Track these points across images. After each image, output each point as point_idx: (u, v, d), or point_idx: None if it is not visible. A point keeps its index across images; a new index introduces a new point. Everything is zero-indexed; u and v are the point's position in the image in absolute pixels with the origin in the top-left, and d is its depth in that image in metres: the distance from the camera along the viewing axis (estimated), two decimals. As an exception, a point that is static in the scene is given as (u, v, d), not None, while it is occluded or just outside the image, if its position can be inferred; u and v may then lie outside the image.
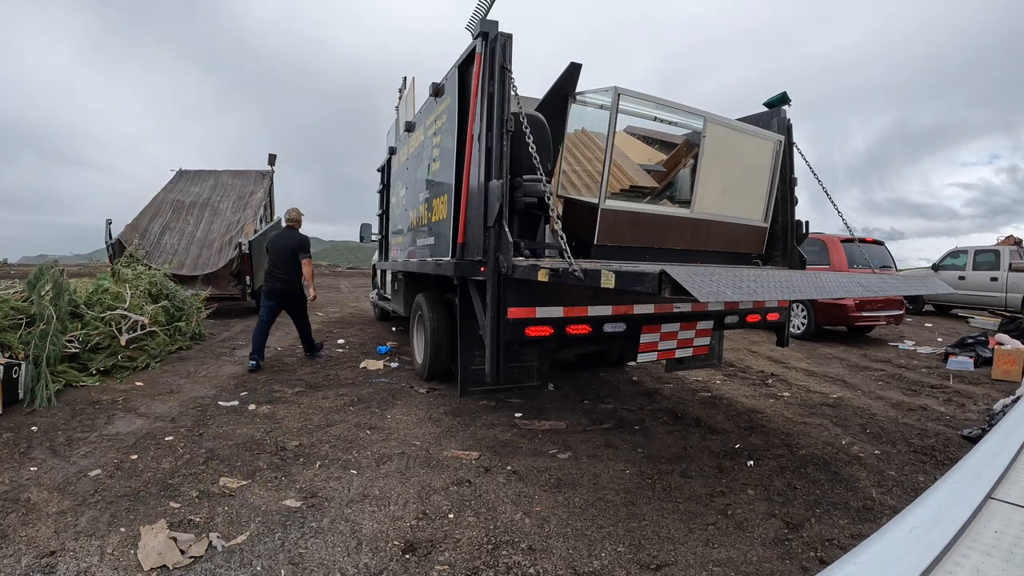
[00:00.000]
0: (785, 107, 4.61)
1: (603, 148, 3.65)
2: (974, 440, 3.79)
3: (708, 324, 4.07)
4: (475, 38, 3.50)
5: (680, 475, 3.15)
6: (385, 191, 7.33)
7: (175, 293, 7.07)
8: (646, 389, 5.17)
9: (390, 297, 7.55)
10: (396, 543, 2.33)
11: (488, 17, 3.41)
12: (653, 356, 3.86)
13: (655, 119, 4.36)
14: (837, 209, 4.68)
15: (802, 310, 8.80)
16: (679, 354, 4.02)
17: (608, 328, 3.63)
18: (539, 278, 2.85)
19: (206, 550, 2.24)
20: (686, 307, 3.87)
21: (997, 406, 4.53)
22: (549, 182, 3.23)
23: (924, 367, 6.64)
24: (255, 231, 9.72)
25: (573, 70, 4.04)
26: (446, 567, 2.17)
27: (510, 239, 3.21)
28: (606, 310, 3.63)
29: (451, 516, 2.58)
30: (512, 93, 3.33)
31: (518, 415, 4.17)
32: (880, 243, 9.57)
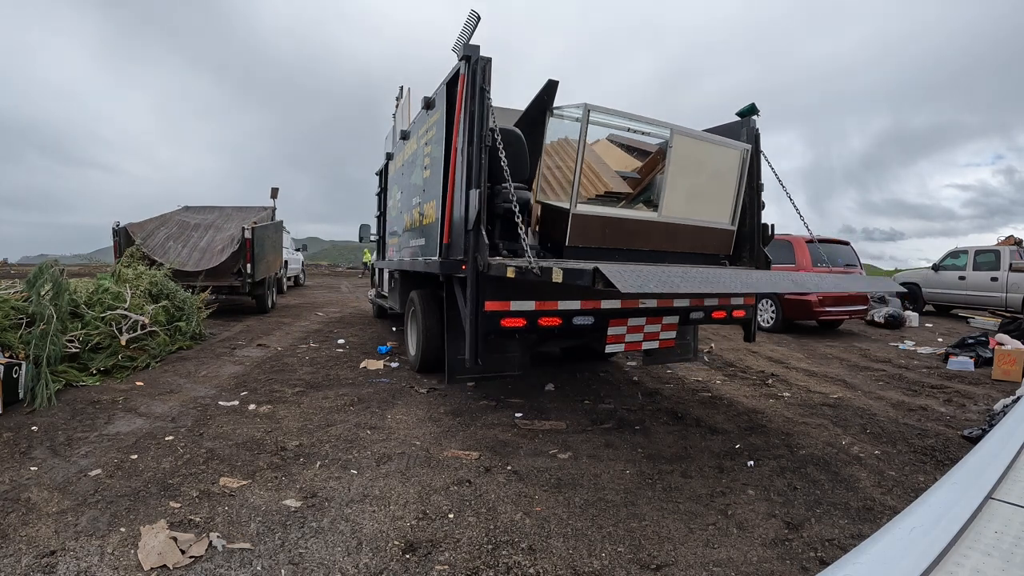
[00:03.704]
0: (755, 117, 4.87)
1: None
2: (974, 440, 3.79)
3: (673, 319, 4.37)
4: (460, 60, 3.82)
5: (680, 475, 3.16)
6: (382, 194, 7.68)
7: (175, 293, 7.08)
8: (646, 389, 5.17)
9: (387, 294, 7.87)
10: (396, 543, 2.33)
11: (471, 42, 3.74)
12: (620, 348, 4.20)
13: (628, 130, 4.66)
14: (798, 211, 5.11)
15: (771, 305, 9.37)
16: (646, 346, 4.35)
17: (577, 321, 3.95)
18: (508, 275, 3.22)
19: (206, 550, 2.24)
20: (651, 303, 4.16)
21: (997, 406, 4.53)
22: (528, 189, 3.54)
23: (924, 367, 6.64)
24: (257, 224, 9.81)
25: (550, 87, 4.26)
26: (446, 567, 2.17)
27: (486, 241, 3.56)
28: (575, 304, 3.93)
29: (451, 516, 2.58)
30: (489, 111, 3.61)
31: (518, 415, 4.17)
32: (846, 243, 9.99)
